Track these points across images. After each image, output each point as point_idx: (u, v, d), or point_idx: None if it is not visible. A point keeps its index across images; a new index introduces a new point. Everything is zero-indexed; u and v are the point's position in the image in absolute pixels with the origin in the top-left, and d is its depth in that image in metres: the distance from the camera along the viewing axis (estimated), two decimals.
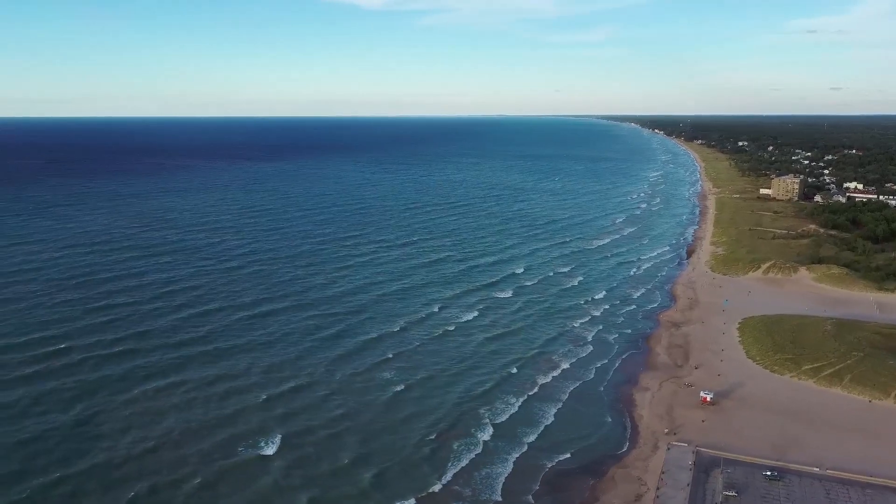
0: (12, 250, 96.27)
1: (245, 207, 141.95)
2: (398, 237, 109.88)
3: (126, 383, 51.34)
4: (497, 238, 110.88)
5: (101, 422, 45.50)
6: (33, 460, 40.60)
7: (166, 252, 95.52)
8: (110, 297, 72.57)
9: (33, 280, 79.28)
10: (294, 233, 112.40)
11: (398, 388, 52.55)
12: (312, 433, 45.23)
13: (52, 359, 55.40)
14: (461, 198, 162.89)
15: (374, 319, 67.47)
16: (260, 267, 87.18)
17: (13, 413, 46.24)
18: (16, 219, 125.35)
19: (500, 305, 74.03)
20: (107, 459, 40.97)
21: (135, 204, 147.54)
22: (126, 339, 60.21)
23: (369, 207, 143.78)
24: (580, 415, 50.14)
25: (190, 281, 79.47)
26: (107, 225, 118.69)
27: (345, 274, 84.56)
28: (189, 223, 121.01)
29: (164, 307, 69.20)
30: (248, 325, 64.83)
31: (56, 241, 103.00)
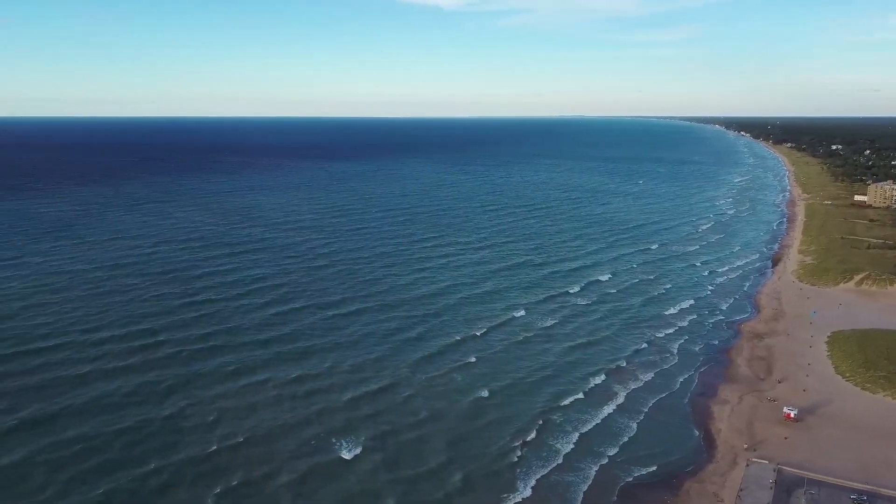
0: (113, 244, 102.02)
1: (327, 207, 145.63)
2: (478, 239, 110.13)
3: (215, 379, 53.04)
4: (578, 242, 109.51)
5: (193, 415, 47.26)
6: (131, 449, 42.45)
7: (253, 249, 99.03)
8: (201, 292, 75.71)
9: (131, 274, 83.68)
10: (375, 233, 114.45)
11: (481, 393, 52.33)
12: (396, 435, 45.58)
13: (148, 351, 58.12)
14: (540, 200, 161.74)
15: (455, 322, 67.93)
16: (343, 266, 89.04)
17: (113, 402, 48.56)
18: (114, 214, 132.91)
19: (582, 312, 73.15)
20: (197, 453, 42.27)
21: (222, 201, 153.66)
22: (215, 334, 62.67)
23: (448, 209, 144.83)
24: (657, 427, 48.86)
25: (276, 279, 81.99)
26: (197, 221, 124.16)
27: (426, 275, 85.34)
28: (274, 221, 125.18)
29: (251, 304, 71.78)
30: (332, 324, 66.29)
31: (151, 237, 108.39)
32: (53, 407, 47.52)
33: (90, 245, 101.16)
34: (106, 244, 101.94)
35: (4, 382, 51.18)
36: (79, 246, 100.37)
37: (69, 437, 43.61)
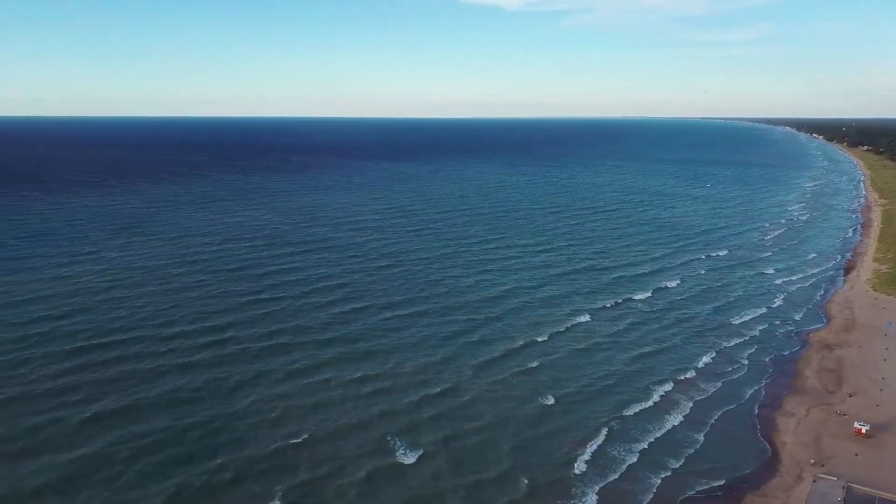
0: (183, 241, 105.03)
1: (388, 207, 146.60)
2: (540, 242, 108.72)
3: (280, 376, 53.67)
4: (644, 247, 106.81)
5: (258, 411, 47.95)
6: (200, 443, 43.34)
7: (316, 249, 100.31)
8: (266, 290, 77.04)
9: (200, 270, 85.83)
10: (436, 234, 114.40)
11: (544, 399, 51.39)
12: (459, 439, 45.13)
13: (216, 347, 59.37)
14: (603, 202, 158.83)
15: (518, 326, 67.10)
16: (405, 267, 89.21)
17: (183, 397, 49.63)
18: (184, 211, 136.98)
19: (648, 319, 71.21)
20: (263, 449, 42.77)
21: (286, 200, 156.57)
22: (280, 332, 63.59)
23: (509, 210, 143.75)
24: (721, 439, 46.97)
25: (339, 278, 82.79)
26: (262, 220, 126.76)
27: (488, 278, 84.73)
28: (336, 220, 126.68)
29: (314, 303, 72.57)
30: (394, 324, 66.43)
31: (219, 234, 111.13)
32: (128, 399, 48.93)
33: (162, 241, 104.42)
34: (176, 241, 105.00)
35: (84, 373, 53.08)
36: (151, 242, 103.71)
37: (143, 429, 44.78)
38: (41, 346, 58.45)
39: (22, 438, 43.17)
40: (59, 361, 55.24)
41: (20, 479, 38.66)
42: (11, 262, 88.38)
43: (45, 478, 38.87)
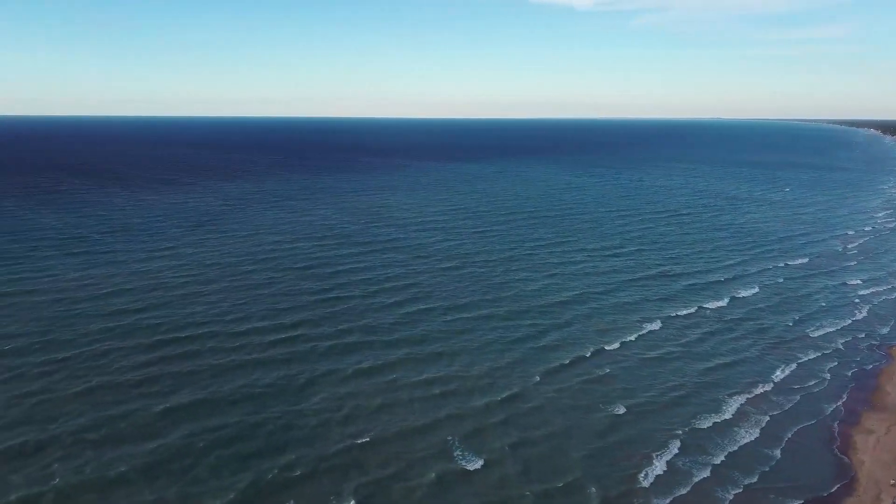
0: (255, 238, 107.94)
1: (453, 208, 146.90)
2: (608, 246, 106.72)
3: (347, 376, 54.23)
4: (718, 254, 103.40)
5: (326, 410, 48.50)
6: (271, 439, 44.13)
7: (384, 249, 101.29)
8: (334, 289, 78.24)
9: (271, 268, 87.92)
10: (503, 236, 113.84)
11: (614, 409, 50.19)
12: (525, 447, 44.57)
13: (286, 345, 60.59)
14: (675, 207, 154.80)
15: (587, 333, 65.82)
16: (472, 269, 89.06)
17: (255, 393, 50.77)
18: (256, 209, 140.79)
19: (722, 329, 68.78)
20: (331, 447, 43.16)
21: (354, 199, 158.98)
22: (348, 331, 64.33)
23: (576, 213, 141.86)
24: (796, 456, 44.65)
25: (406, 279, 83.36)
26: (331, 219, 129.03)
27: (555, 282, 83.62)
28: (403, 221, 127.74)
29: (382, 303, 73.20)
30: (461, 327, 66.33)
31: (289, 233, 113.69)
32: (202, 393, 50.34)
33: (235, 238, 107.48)
34: (249, 238, 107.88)
35: (162, 366, 54.96)
36: (225, 239, 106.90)
37: (216, 423, 45.98)
38: (123, 338, 60.87)
39: (104, 426, 44.87)
40: (138, 353, 57.39)
41: (103, 465, 40.21)
42: (96, 256, 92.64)
43: (127, 465, 40.29)
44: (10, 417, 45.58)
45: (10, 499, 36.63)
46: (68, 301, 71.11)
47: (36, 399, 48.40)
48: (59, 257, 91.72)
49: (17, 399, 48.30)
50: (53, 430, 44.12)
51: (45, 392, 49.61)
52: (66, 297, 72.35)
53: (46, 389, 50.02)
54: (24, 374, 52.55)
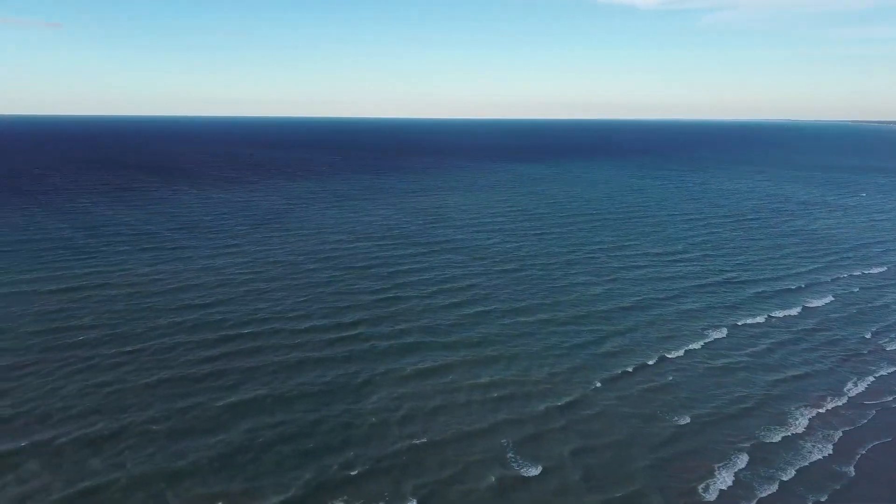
0: (318, 237, 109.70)
1: (512, 209, 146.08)
2: (673, 251, 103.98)
3: (405, 376, 54.31)
4: (789, 261, 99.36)
5: (385, 409, 48.67)
6: (331, 436, 44.61)
7: (443, 250, 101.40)
8: (393, 289, 78.62)
9: (332, 266, 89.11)
10: (562, 239, 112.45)
11: (677, 419, 48.89)
12: (586, 454, 43.69)
13: (345, 344, 61.17)
14: (743, 211, 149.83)
15: (650, 340, 64.19)
16: (532, 272, 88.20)
17: (315, 391, 51.36)
18: (318, 208, 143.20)
19: (793, 340, 65.97)
20: (390, 447, 43.31)
21: (414, 200, 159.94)
22: (407, 332, 64.52)
23: (638, 216, 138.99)
24: (869, 473, 42.51)
25: (465, 280, 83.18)
26: (392, 219, 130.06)
27: (617, 287, 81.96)
28: (462, 222, 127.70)
29: (441, 304, 73.18)
30: (520, 330, 65.70)
31: (350, 232, 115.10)
32: (264, 389, 51.30)
33: (297, 237, 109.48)
34: (311, 237, 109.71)
35: (225, 361, 56.29)
36: (288, 237, 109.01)
37: (278, 419, 46.77)
38: (190, 332, 62.66)
39: (172, 418, 46.20)
40: (204, 348, 58.95)
41: (171, 456, 41.37)
42: (165, 252, 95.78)
43: (193, 457, 41.34)
44: (84, 406, 47.44)
45: (86, 484, 38.07)
46: (139, 295, 73.71)
47: (108, 389, 50.24)
48: (132, 252, 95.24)
49: (90, 389, 50.24)
50: (124, 419, 45.70)
51: (117, 383, 51.45)
52: (137, 292, 75.02)
53: (118, 380, 51.87)
54: (97, 365, 54.63)
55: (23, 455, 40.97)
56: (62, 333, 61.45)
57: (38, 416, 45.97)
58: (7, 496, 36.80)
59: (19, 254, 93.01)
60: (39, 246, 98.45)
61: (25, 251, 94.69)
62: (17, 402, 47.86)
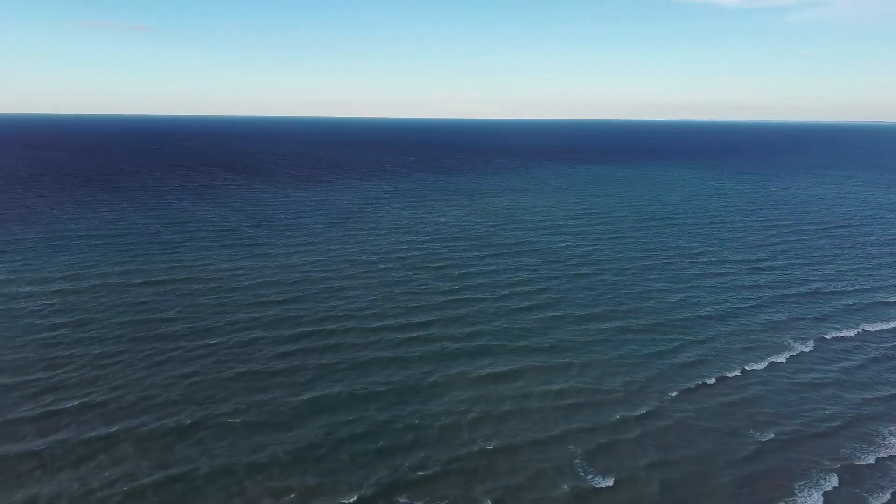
0: (392, 236, 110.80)
1: (586, 211, 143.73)
2: (756, 259, 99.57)
3: (476, 380, 53.93)
4: (883, 271, 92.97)
5: (456, 412, 48.47)
6: (404, 436, 44.84)
7: (515, 252, 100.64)
8: (466, 291, 78.50)
9: (405, 267, 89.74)
10: (638, 243, 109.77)
11: (761, 434, 46.65)
12: (662, 468, 42.28)
13: (417, 344, 61.38)
14: (832, 218, 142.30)
15: (732, 351, 61.57)
16: (606, 276, 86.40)
17: (387, 391, 51.63)
18: (392, 208, 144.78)
19: (888, 356, 61.36)
20: (461, 450, 43.10)
21: (486, 201, 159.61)
22: (479, 334, 64.03)
23: (719, 221, 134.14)
24: None
25: (538, 283, 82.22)
26: (464, 220, 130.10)
27: (696, 295, 79.07)
28: (535, 223, 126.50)
29: (513, 308, 72.52)
30: (594, 337, 64.37)
31: (423, 232, 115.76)
32: (338, 387, 52.06)
33: (372, 236, 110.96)
34: (385, 236, 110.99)
35: (301, 358, 57.47)
36: (362, 236, 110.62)
37: (351, 417, 47.36)
38: (267, 327, 64.31)
39: (247, 412, 47.44)
40: (281, 344, 60.38)
41: (248, 449, 42.48)
42: (245, 249, 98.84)
43: (267, 451, 42.32)
44: (167, 396, 49.34)
45: (168, 473, 39.52)
46: (220, 290, 76.24)
47: (190, 380, 52.10)
48: (213, 248, 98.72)
49: (173, 379, 52.23)
50: (205, 410, 47.25)
51: (198, 374, 53.30)
52: (218, 287, 77.64)
53: (199, 372, 53.72)
54: (179, 357, 56.76)
55: (112, 440, 42.94)
56: (148, 325, 64.22)
57: (126, 403, 48.12)
58: (100, 478, 38.60)
59: (111, 247, 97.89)
60: (129, 240, 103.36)
61: (117, 245, 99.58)
62: (108, 388, 50.26)
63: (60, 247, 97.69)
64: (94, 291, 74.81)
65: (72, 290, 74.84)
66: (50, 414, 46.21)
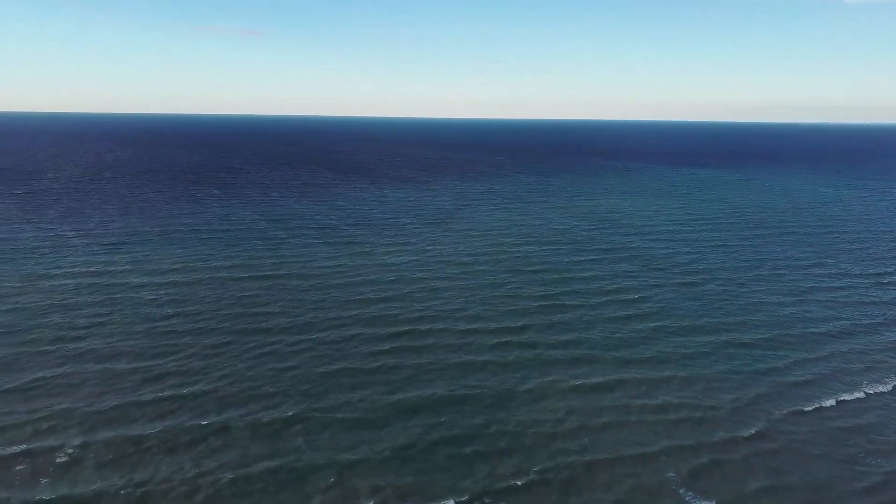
0: (486, 238, 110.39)
1: (690, 217, 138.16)
2: (881, 273, 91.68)
3: (571, 389, 52.64)
4: None
5: (549, 422, 47.44)
6: (497, 442, 44.39)
7: (616, 258, 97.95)
8: (563, 296, 76.90)
9: (500, 269, 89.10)
10: (748, 252, 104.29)
11: (887, 465, 42.79)
12: (771, 495, 39.37)
13: (511, 349, 60.69)
14: None
15: (852, 372, 56.90)
16: (713, 287, 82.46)
17: (479, 394, 51.21)
18: (487, 209, 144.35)
19: None
20: (553, 461, 42.22)
21: (584, 203, 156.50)
22: (574, 343, 62.47)
23: (838, 231, 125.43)
24: None
25: (640, 291, 79.51)
26: (560, 222, 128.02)
27: (812, 310, 73.85)
28: (635, 228, 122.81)
29: (612, 316, 70.43)
30: (699, 351, 61.43)
31: (519, 234, 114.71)
32: (431, 388, 52.17)
33: (468, 237, 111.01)
34: (480, 238, 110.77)
35: (395, 357, 58.00)
36: (458, 237, 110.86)
37: (443, 420, 47.27)
38: (365, 325, 65.37)
39: (345, 409, 48.25)
40: (378, 342, 61.19)
41: (342, 446, 43.15)
42: (345, 247, 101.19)
43: (363, 450, 42.84)
44: (268, 389, 50.96)
45: (270, 464, 40.72)
46: (322, 287, 78.27)
47: (290, 374, 53.63)
48: (315, 245, 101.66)
49: (273, 372, 53.93)
50: (304, 405, 48.45)
51: (297, 369, 54.79)
52: (319, 283, 79.75)
53: (299, 366, 55.23)
54: (280, 351, 58.56)
55: (218, 427, 44.74)
56: (252, 318, 66.72)
57: (231, 392, 50.07)
58: (208, 463, 40.28)
59: (220, 242, 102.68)
60: (236, 235, 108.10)
61: (226, 240, 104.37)
62: (216, 377, 52.50)
63: (175, 239, 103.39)
64: (204, 284, 78.56)
65: (184, 282, 78.91)
66: (162, 399, 48.74)
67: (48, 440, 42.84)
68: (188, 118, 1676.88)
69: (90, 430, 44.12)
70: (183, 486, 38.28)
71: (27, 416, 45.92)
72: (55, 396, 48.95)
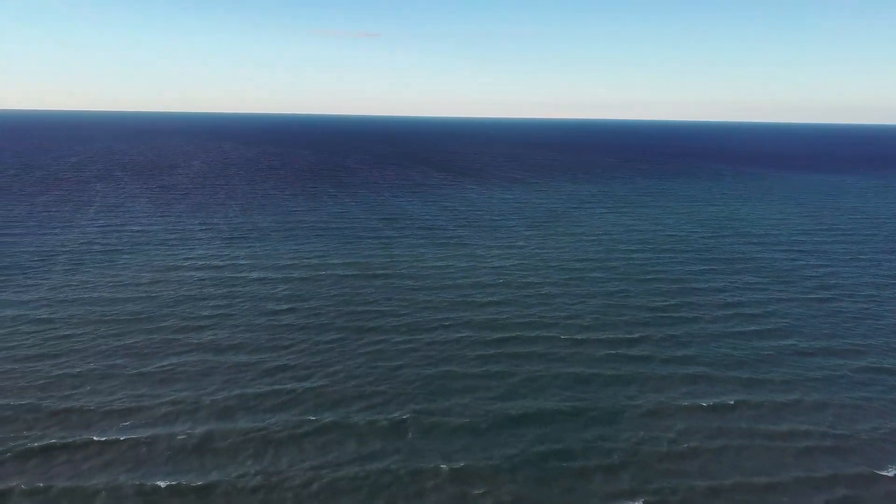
0: (597, 242, 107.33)
1: (821, 226, 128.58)
2: None
3: (685, 409, 49.53)
4: None
5: (659, 440, 44.98)
6: (607, 460, 42.71)
7: (736, 269, 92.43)
8: (680, 308, 73.18)
9: (612, 276, 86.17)
10: (884, 266, 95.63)
11: None
12: None
13: (622, 362, 58.29)
14: None
15: None
16: (849, 304, 75.82)
17: (585, 406, 49.40)
18: (598, 211, 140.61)
19: None
20: (668, 483, 40.24)
21: (701, 208, 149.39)
22: (691, 359, 59.05)
23: None
24: None
25: (762, 305, 74.33)
26: (675, 227, 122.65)
27: None
28: (757, 236, 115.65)
29: (734, 331, 66.19)
30: (835, 374, 56.57)
31: (632, 239, 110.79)
32: (536, 398, 50.80)
33: (578, 240, 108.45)
34: (591, 241, 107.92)
35: (504, 362, 57.05)
36: (568, 240, 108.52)
37: (546, 432, 45.86)
38: (471, 329, 64.88)
39: (447, 414, 47.83)
40: (483, 346, 60.55)
41: (444, 451, 42.73)
42: (454, 248, 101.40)
43: (466, 457, 42.23)
44: (373, 388, 51.46)
45: (373, 466, 40.94)
46: (430, 288, 78.64)
47: (397, 374, 53.98)
48: (425, 246, 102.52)
49: (381, 371, 54.43)
50: (406, 407, 48.47)
51: (404, 369, 55.07)
52: (429, 285, 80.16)
53: (404, 366, 55.51)
54: (387, 350, 59.13)
55: (330, 424, 45.57)
56: (360, 316, 67.89)
57: (340, 389, 50.95)
58: (324, 460, 41.08)
59: (335, 239, 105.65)
60: (350, 233, 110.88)
61: (339, 237, 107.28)
62: (325, 374, 53.67)
63: (291, 235, 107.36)
64: (319, 280, 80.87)
65: (299, 278, 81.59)
66: (279, 392, 50.32)
67: (174, 426, 45.16)
68: (307, 118, 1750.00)
69: (211, 418, 46.14)
70: (300, 478, 39.15)
71: (154, 400, 48.67)
72: (181, 382, 51.67)
